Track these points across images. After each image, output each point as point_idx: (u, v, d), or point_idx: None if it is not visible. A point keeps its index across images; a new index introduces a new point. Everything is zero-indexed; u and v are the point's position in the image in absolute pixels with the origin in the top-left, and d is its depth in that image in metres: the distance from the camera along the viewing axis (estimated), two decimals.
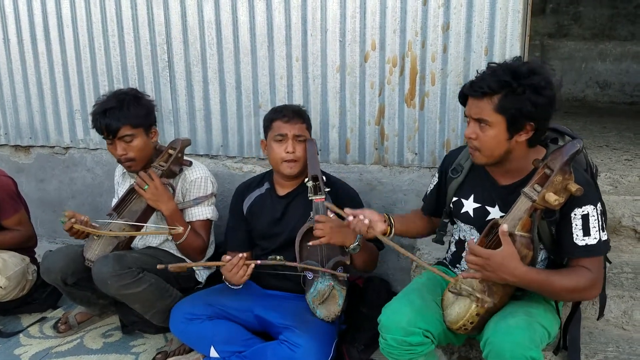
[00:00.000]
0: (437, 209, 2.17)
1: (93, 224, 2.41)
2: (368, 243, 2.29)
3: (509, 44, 2.50)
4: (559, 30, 5.51)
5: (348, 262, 2.24)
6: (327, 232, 2.11)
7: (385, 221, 2.04)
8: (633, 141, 3.50)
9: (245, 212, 2.49)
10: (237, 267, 2.13)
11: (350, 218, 2.00)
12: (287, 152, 2.30)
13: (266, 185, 2.48)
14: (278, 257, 2.16)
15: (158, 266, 2.15)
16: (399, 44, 2.64)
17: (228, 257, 2.16)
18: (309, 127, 2.41)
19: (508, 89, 1.71)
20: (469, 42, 2.55)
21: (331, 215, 2.17)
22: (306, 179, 2.26)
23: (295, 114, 2.36)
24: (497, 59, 2.51)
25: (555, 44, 5.47)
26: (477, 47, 2.54)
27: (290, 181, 2.41)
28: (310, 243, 2.16)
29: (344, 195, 2.38)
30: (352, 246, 2.17)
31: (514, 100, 1.71)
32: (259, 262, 2.17)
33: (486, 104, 1.74)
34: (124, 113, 2.38)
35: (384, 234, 2.02)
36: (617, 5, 5.32)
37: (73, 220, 2.33)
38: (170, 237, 2.50)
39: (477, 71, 1.83)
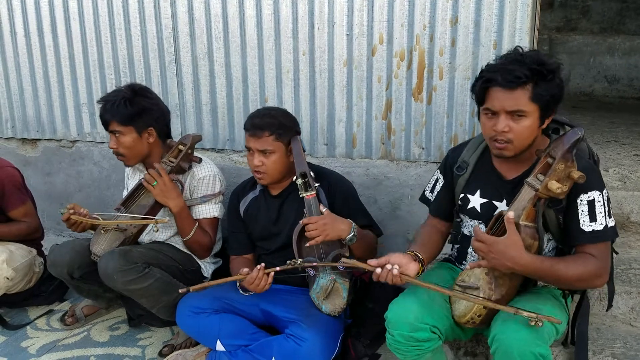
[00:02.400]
0: (449, 210, 2.11)
1: (94, 216, 2.41)
2: (364, 231, 2.28)
3: (518, 38, 2.47)
4: (567, 24, 5.48)
5: (347, 254, 2.23)
6: (321, 230, 2.10)
7: (414, 259, 1.91)
8: None
9: (242, 215, 2.49)
10: (259, 279, 2.13)
11: (379, 270, 1.85)
12: (254, 165, 2.29)
13: (259, 187, 2.47)
14: (299, 261, 2.13)
15: (180, 290, 2.11)
16: (406, 37, 2.62)
17: (246, 270, 2.14)
18: (282, 135, 2.26)
19: (539, 77, 1.69)
20: (478, 35, 2.53)
21: (323, 210, 2.16)
22: (294, 177, 2.25)
23: (259, 127, 2.25)
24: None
25: (563, 38, 5.44)
26: (486, 40, 2.52)
27: (277, 184, 2.40)
28: (307, 244, 2.16)
29: (336, 188, 2.36)
30: (348, 237, 2.16)
31: (547, 87, 1.70)
32: (277, 268, 2.15)
33: (521, 94, 1.70)
34: (113, 109, 2.40)
35: (417, 273, 1.90)
36: None
37: (71, 211, 2.35)
38: (155, 229, 2.48)
39: (493, 62, 1.79)
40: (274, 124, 2.26)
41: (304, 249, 2.25)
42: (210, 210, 2.54)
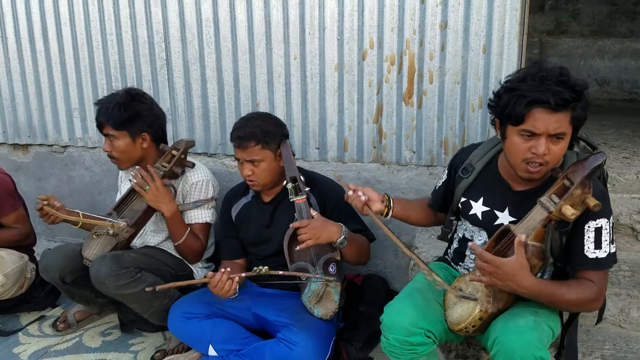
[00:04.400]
0: (444, 205, 2.14)
1: (77, 211, 2.41)
2: (356, 235, 2.29)
3: (507, 42, 2.50)
4: (557, 27, 5.51)
5: (339, 258, 2.25)
6: (311, 234, 2.12)
7: (383, 202, 2.04)
8: (631, 139, 3.50)
9: (233, 220, 2.49)
10: (222, 282, 2.13)
11: (350, 192, 2.03)
12: (245, 175, 2.31)
13: (252, 192, 2.48)
14: (264, 268, 2.14)
15: (146, 289, 2.14)
16: (397, 42, 2.64)
17: (211, 274, 2.16)
18: (268, 142, 2.26)
19: (578, 99, 1.66)
20: (467, 40, 2.55)
21: (313, 214, 2.18)
22: (285, 182, 2.26)
23: (243, 139, 2.24)
24: (495, 57, 2.52)
25: (553, 41, 5.47)
26: (475, 45, 2.54)
27: (269, 190, 2.40)
28: (297, 248, 2.16)
29: (327, 192, 2.38)
30: (339, 240, 2.18)
31: (583, 110, 1.67)
32: (243, 275, 2.18)
33: (564, 116, 1.64)
34: (107, 113, 2.42)
35: (381, 214, 2.03)
36: (615, 2, 5.32)
37: (45, 202, 2.34)
38: (111, 232, 2.48)
39: (520, 80, 1.71)
40: (257, 133, 2.25)
41: (295, 253, 2.26)
42: (202, 215, 2.55)
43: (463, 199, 1.99)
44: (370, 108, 2.76)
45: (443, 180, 2.12)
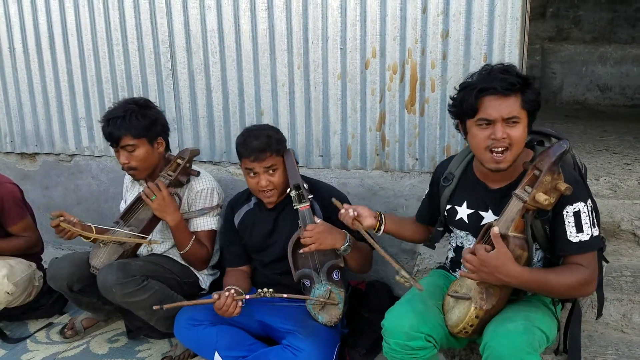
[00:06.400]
0: (431, 218, 2.22)
1: (87, 224, 2.44)
2: (359, 243, 2.32)
3: (508, 51, 2.52)
4: (559, 33, 5.54)
5: (342, 265, 2.27)
6: (315, 239, 2.16)
7: (375, 217, 2.13)
8: (633, 145, 3.52)
9: (237, 227, 2.52)
10: (226, 305, 2.16)
11: (343, 211, 2.13)
12: (263, 186, 2.30)
13: (254, 200, 2.50)
14: (269, 291, 2.17)
15: (154, 307, 2.18)
16: (399, 51, 2.67)
17: (216, 296, 2.19)
18: (279, 150, 2.30)
19: (526, 85, 1.77)
20: (468, 49, 2.58)
21: (317, 220, 2.21)
22: (288, 189, 2.29)
23: (260, 150, 2.25)
24: None
25: (555, 47, 5.50)
26: (476, 53, 2.57)
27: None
28: (301, 250, 2.20)
29: (329, 199, 2.40)
30: (342, 247, 2.21)
31: (533, 95, 1.78)
32: (247, 297, 2.21)
33: (514, 100, 1.76)
34: (125, 123, 2.41)
35: (373, 229, 2.12)
36: (616, 8, 5.35)
37: (61, 218, 2.37)
38: (150, 248, 2.53)
39: (469, 78, 1.86)
40: (271, 143, 2.28)
41: (299, 259, 2.29)
42: (207, 222, 2.58)
43: (448, 206, 2.06)
44: (373, 116, 2.79)
45: (427, 192, 2.22)
